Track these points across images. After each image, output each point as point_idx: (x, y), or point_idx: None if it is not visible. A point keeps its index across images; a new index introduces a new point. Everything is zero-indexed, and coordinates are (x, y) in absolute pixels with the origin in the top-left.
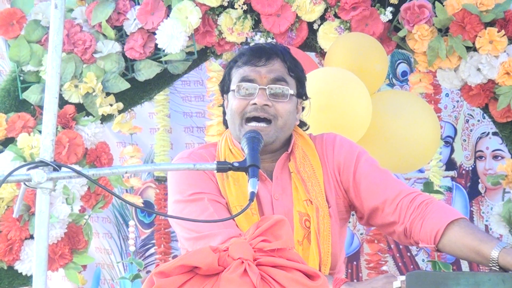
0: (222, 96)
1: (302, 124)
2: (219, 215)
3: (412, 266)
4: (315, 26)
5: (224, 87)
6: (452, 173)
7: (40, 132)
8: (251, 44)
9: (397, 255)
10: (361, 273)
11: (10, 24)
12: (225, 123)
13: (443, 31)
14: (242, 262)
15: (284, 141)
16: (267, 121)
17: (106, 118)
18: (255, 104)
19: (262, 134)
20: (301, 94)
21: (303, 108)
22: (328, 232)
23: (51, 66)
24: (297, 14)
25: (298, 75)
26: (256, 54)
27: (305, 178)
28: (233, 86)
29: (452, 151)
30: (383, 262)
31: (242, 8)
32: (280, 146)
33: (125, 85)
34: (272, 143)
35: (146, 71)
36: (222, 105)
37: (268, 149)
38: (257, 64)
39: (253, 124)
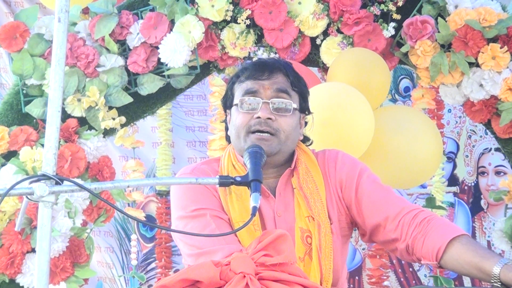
0: (225, 111)
1: (306, 139)
2: (221, 231)
3: (414, 282)
4: (318, 41)
5: (227, 102)
6: (455, 188)
7: (42, 145)
8: (254, 59)
9: (399, 270)
10: None
11: (13, 38)
12: (227, 138)
13: (446, 47)
14: (244, 276)
15: (287, 156)
16: (271, 133)
17: (108, 132)
18: (258, 117)
19: (266, 144)
20: (304, 108)
21: (306, 123)
22: (329, 249)
23: (54, 80)
24: (300, 29)
25: (301, 89)
26: (259, 69)
27: (308, 194)
28: (236, 101)
29: (454, 166)
30: (385, 277)
31: (245, 23)
32: (283, 161)
33: (128, 99)
34: (276, 154)
35: (149, 85)
36: (225, 121)
37: (271, 161)
38: (260, 78)
39: (257, 134)
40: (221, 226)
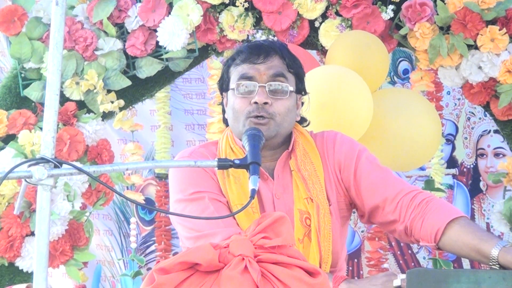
0: (221, 94)
1: (303, 120)
2: (219, 214)
3: (413, 264)
4: (317, 24)
5: (223, 85)
6: (454, 171)
7: (41, 129)
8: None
9: (398, 252)
10: (362, 270)
11: (11, 21)
12: (224, 121)
13: (445, 29)
14: (243, 259)
15: (285, 137)
16: (268, 118)
17: (107, 115)
18: (256, 103)
19: (264, 128)
20: (300, 89)
21: (302, 103)
22: (328, 230)
23: (52, 63)
24: (298, 12)
25: (297, 71)
26: (254, 52)
27: (306, 176)
28: (232, 85)
29: (453, 149)
30: (384, 260)
31: (243, 6)
32: (280, 143)
33: (126, 82)
34: (273, 137)
35: (147, 68)
36: (221, 103)
37: (269, 144)
38: (255, 61)
39: (255, 119)
40: (219, 209)
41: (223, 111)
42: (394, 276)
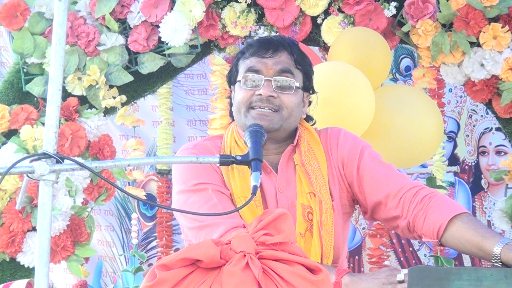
0: (230, 87)
1: (309, 119)
2: (222, 205)
3: (414, 261)
4: (319, 21)
5: (231, 78)
6: (455, 168)
7: (43, 124)
8: (255, 38)
9: (399, 249)
10: (363, 267)
11: (14, 16)
12: (231, 114)
13: (447, 27)
14: (244, 255)
15: (290, 132)
16: (274, 110)
17: (109, 111)
18: (260, 95)
19: (267, 119)
20: (308, 87)
21: (310, 102)
22: (330, 225)
23: (55, 59)
24: (301, 8)
25: (305, 68)
26: (264, 46)
27: (309, 171)
28: (239, 77)
29: (455, 146)
30: (385, 257)
31: (246, 2)
32: (285, 137)
33: (128, 78)
34: (277, 130)
35: (150, 64)
36: (229, 97)
37: (272, 137)
38: (264, 55)
39: (258, 110)
40: (222, 200)
41: (230, 104)
42: (397, 271)
